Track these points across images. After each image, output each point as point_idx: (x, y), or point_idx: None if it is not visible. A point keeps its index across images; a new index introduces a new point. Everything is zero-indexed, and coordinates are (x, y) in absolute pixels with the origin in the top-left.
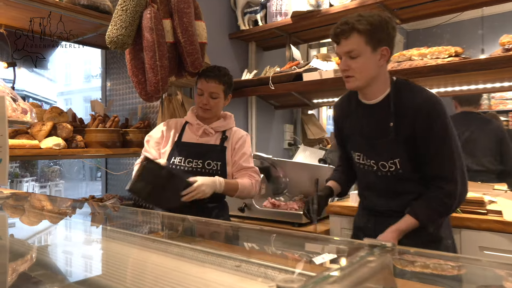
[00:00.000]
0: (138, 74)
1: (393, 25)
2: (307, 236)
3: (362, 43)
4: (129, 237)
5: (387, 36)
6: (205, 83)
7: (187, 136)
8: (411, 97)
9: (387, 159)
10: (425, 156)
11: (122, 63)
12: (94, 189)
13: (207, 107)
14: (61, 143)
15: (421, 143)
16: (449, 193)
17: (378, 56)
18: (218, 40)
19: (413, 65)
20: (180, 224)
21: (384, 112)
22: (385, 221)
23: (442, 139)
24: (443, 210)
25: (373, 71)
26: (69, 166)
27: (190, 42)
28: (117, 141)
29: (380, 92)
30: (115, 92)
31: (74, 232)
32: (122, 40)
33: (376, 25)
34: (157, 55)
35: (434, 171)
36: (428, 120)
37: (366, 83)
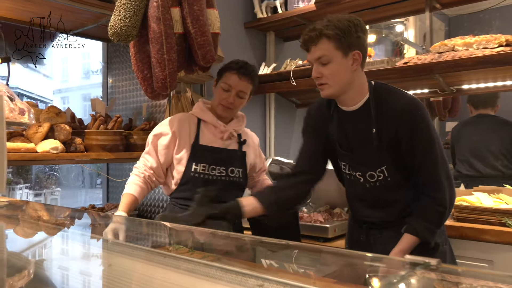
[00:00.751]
0: (143, 69)
1: (363, 28)
2: (337, 252)
3: (332, 49)
4: (134, 251)
5: (357, 40)
6: (236, 79)
7: (205, 138)
8: (392, 100)
9: (374, 169)
10: (412, 163)
11: (126, 57)
12: (94, 197)
13: (231, 106)
14: (59, 147)
15: (406, 150)
16: (441, 201)
17: (350, 61)
18: (233, 30)
19: (456, 56)
20: (190, 237)
21: (365, 119)
22: (378, 233)
23: (428, 145)
24: (439, 220)
25: (347, 77)
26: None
27: (202, 33)
28: (120, 144)
29: (359, 98)
30: (117, 90)
31: (72, 245)
32: (126, 31)
33: (344, 30)
34: (165, 47)
35: (422, 179)
36: (412, 124)
37: (341, 90)
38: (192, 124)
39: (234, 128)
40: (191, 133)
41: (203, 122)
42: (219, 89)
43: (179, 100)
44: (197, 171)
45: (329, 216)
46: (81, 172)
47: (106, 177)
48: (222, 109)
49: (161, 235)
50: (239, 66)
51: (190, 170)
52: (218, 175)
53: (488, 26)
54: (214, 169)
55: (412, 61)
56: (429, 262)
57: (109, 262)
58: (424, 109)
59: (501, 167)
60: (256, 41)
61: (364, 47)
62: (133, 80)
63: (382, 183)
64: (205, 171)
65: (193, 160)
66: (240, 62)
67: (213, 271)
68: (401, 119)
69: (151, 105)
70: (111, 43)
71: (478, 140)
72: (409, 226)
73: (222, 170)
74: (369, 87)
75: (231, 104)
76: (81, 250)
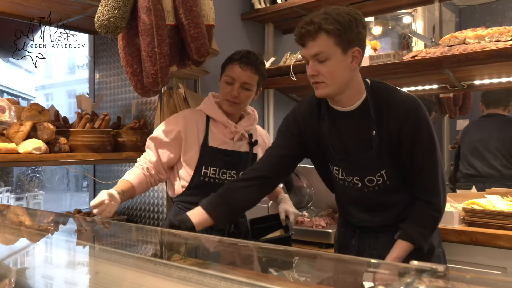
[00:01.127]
0: (133, 64)
1: (363, 23)
2: (340, 258)
3: (331, 45)
4: (123, 258)
5: (357, 36)
6: (238, 70)
7: (215, 138)
8: (393, 100)
9: (374, 173)
10: (411, 166)
11: (114, 50)
12: (80, 201)
13: (237, 100)
14: (42, 147)
15: (407, 153)
16: (437, 206)
17: (350, 58)
18: (229, 21)
19: (467, 50)
20: (184, 243)
21: (363, 120)
22: (370, 237)
23: (429, 148)
24: (433, 225)
25: (345, 75)
26: (50, 174)
27: (195, 25)
28: (108, 144)
29: (356, 98)
30: (105, 86)
31: (57, 252)
32: (114, 23)
33: (345, 24)
34: (156, 40)
35: (419, 183)
36: (415, 126)
37: (339, 90)
38: (200, 123)
39: (246, 127)
40: (199, 132)
41: (212, 121)
42: (222, 83)
43: (171, 96)
44: (208, 175)
45: (331, 221)
46: (66, 174)
47: (93, 179)
48: (228, 105)
49: (152, 241)
50: (240, 56)
51: (200, 174)
52: (229, 180)
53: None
54: (225, 173)
55: (421, 54)
56: (436, 268)
57: (96, 270)
58: (425, 110)
59: (499, 167)
60: (254, 33)
61: (364, 44)
62: (122, 76)
63: (381, 187)
64: (215, 176)
65: (203, 163)
66: (242, 51)
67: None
68: (405, 120)
69: (141, 102)
70: (98, 36)
71: (479, 139)
72: (403, 232)
73: (233, 174)
74: (366, 86)
75: (236, 98)
76: (66, 258)
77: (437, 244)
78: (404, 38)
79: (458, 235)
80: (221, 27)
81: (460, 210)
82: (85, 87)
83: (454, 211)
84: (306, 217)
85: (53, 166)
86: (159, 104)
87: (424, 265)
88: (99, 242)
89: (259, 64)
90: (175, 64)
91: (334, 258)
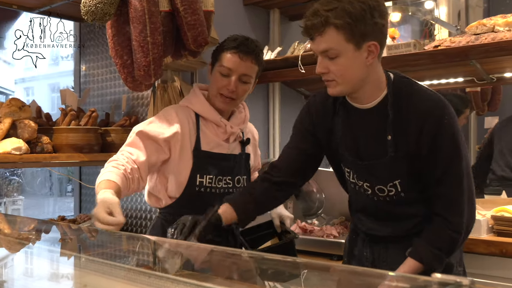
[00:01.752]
0: (123, 55)
1: (381, 11)
2: (354, 270)
3: (342, 41)
4: (113, 270)
5: (373, 28)
6: (237, 60)
7: (207, 140)
8: (414, 100)
9: (385, 183)
10: (429, 178)
11: (102, 39)
12: (64, 207)
13: (233, 96)
14: (23, 147)
15: (426, 161)
16: (457, 226)
17: (365, 53)
18: (229, 7)
19: (497, 39)
20: (179, 254)
21: (380, 121)
22: (386, 248)
23: (453, 157)
24: (452, 247)
25: (360, 73)
26: (31, 177)
27: (192, 11)
28: (95, 143)
29: (375, 95)
30: (92, 79)
31: (38, 263)
32: (102, 9)
33: (357, 16)
34: (148, 28)
35: (440, 197)
36: (436, 130)
37: (353, 88)
38: (190, 122)
39: (240, 126)
40: (191, 134)
41: (203, 120)
42: (216, 74)
43: (166, 91)
44: (204, 185)
45: (344, 230)
46: (49, 177)
47: (79, 183)
48: (223, 101)
49: (144, 251)
50: (238, 43)
51: (195, 184)
52: (225, 187)
53: None
54: (221, 180)
55: (444, 44)
56: (461, 281)
57: (83, 283)
58: (453, 115)
59: None
60: (258, 20)
61: (382, 35)
62: (111, 68)
63: (394, 198)
64: (212, 184)
65: (198, 171)
66: (239, 38)
67: None
68: (424, 123)
69: (132, 97)
70: (84, 23)
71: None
72: (414, 250)
73: (228, 180)
74: (388, 82)
75: (233, 92)
76: (49, 269)
77: (457, 262)
78: (426, 26)
79: (486, 246)
80: (221, 13)
81: (489, 218)
82: (70, 80)
83: (482, 219)
84: (316, 225)
85: (35, 168)
86: (152, 99)
87: (447, 278)
88: (86, 252)
89: (259, 52)
90: (169, 54)
91: (348, 270)
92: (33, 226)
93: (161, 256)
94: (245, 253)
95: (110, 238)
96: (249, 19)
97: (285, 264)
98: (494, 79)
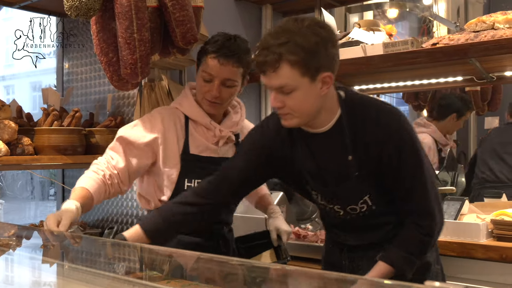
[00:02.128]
0: (108, 52)
1: (333, 40)
2: (345, 278)
3: (297, 76)
4: (97, 279)
5: (327, 59)
6: (216, 65)
7: (196, 144)
8: (369, 116)
9: (356, 201)
10: (397, 190)
11: (86, 36)
12: (46, 211)
13: (218, 101)
14: (2, 148)
15: (392, 175)
16: (428, 230)
17: (319, 84)
18: (220, 2)
19: (497, 36)
20: (167, 261)
21: (338, 143)
22: (364, 255)
23: (416, 167)
24: (422, 250)
25: (315, 104)
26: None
27: (181, 7)
28: (79, 145)
29: (329, 118)
30: (75, 77)
31: (19, 271)
32: (87, 4)
33: (311, 50)
34: (135, 24)
35: (408, 206)
36: (398, 144)
37: (308, 118)
38: (179, 125)
39: (232, 128)
40: (179, 138)
41: (192, 122)
42: (199, 79)
43: (153, 90)
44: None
45: None
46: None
47: (61, 186)
48: (208, 105)
49: (130, 258)
50: (218, 46)
51: (183, 189)
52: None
53: None
54: None
55: (443, 41)
56: None
57: None
58: (408, 122)
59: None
60: (249, 16)
61: (335, 65)
62: (95, 65)
63: (366, 213)
64: None
65: (186, 176)
66: (219, 40)
67: None
68: (384, 139)
69: (118, 97)
70: (67, 19)
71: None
72: (385, 255)
73: None
74: (340, 102)
75: (217, 98)
76: (30, 278)
77: (434, 260)
78: (424, 22)
79: (485, 251)
80: (211, 8)
81: (488, 222)
82: (52, 78)
83: (481, 223)
84: (310, 230)
85: (15, 171)
86: (138, 98)
87: (442, 286)
88: (69, 259)
89: (242, 53)
90: (157, 52)
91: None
92: (13, 231)
93: (148, 263)
94: (236, 261)
95: (94, 244)
96: (241, 15)
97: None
98: (494, 78)
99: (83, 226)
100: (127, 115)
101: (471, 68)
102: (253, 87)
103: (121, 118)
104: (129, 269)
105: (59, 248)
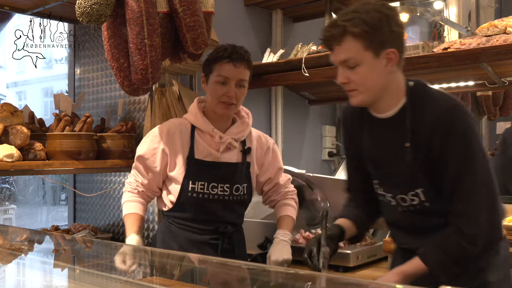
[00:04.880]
0: (119, 58)
1: (398, 20)
2: (359, 283)
3: (360, 49)
4: (109, 282)
5: (390, 36)
6: (232, 68)
7: (201, 149)
8: (428, 106)
9: (406, 191)
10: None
11: (98, 42)
12: (57, 216)
13: (234, 101)
14: (15, 154)
15: (440, 165)
16: (471, 238)
17: (384, 61)
18: (230, 7)
19: (508, 41)
20: (177, 265)
21: (398, 129)
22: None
23: (465, 163)
24: (460, 257)
25: (380, 81)
26: (24, 185)
27: (191, 12)
28: (90, 150)
29: (394, 104)
30: (87, 83)
31: (31, 275)
32: (98, 10)
33: (374, 25)
34: (146, 30)
35: (451, 207)
36: (446, 134)
37: (375, 97)
38: (184, 134)
39: (236, 135)
40: (184, 145)
41: (198, 130)
42: (213, 84)
43: (164, 95)
44: (195, 191)
45: (349, 240)
46: (42, 185)
47: (73, 191)
48: (224, 107)
49: (141, 262)
50: (229, 53)
51: (187, 190)
52: (220, 194)
53: None
54: (215, 187)
55: (454, 46)
56: None
57: None
58: (469, 119)
59: None
60: (259, 21)
61: (400, 43)
62: (107, 71)
63: (418, 208)
64: (203, 190)
65: (189, 178)
66: (228, 47)
67: None
68: (435, 128)
69: (129, 102)
70: (79, 25)
71: None
72: (423, 251)
73: (226, 188)
74: (406, 89)
75: (233, 98)
76: (42, 282)
77: (499, 280)
78: (435, 27)
79: None
80: (221, 14)
81: None
82: (64, 84)
83: None
84: None
85: (27, 176)
86: (149, 104)
87: None
88: (81, 263)
89: (248, 57)
90: (168, 57)
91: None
92: (25, 236)
93: (159, 267)
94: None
95: (106, 248)
96: (251, 20)
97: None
98: (506, 82)
99: (94, 231)
100: (138, 120)
101: (482, 73)
102: (263, 93)
103: (132, 123)
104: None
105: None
